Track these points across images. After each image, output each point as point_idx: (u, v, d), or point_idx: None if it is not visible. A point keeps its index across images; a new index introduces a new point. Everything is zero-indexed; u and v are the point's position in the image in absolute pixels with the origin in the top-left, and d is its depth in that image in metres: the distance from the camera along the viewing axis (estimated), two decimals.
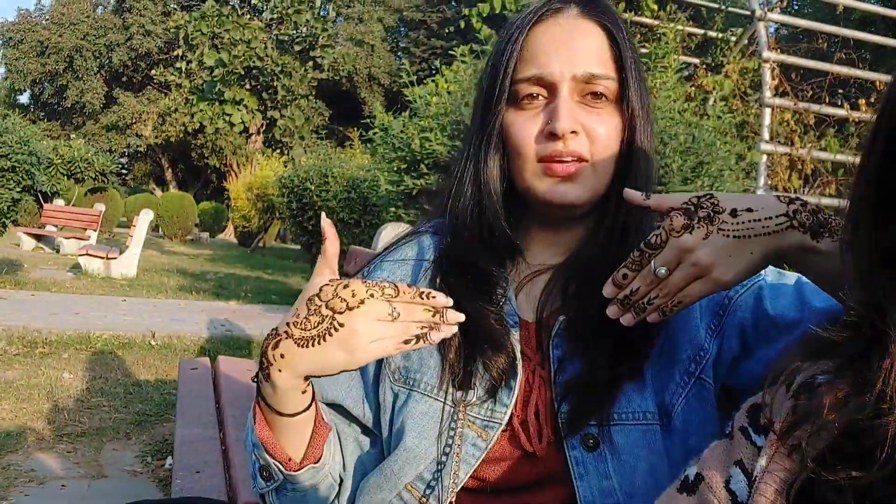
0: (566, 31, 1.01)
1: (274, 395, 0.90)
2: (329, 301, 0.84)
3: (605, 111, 1.01)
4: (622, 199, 0.97)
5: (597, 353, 0.99)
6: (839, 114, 6.23)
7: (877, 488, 0.55)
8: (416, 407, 1.02)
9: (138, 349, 6.07)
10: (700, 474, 0.73)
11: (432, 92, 5.44)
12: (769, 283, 1.03)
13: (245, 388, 3.12)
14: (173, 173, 34.12)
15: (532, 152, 1.01)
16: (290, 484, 0.96)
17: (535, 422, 1.00)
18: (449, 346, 1.01)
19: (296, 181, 9.78)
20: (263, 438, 0.94)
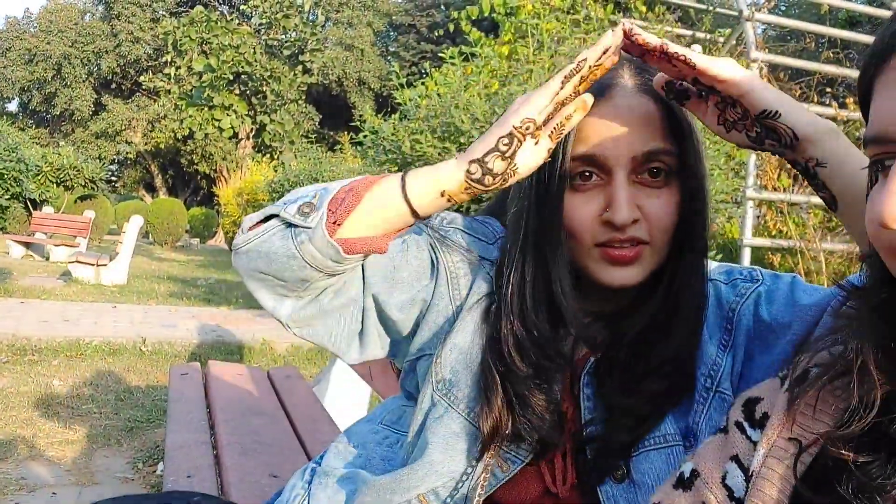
0: (621, 111, 0.96)
1: (425, 180, 0.94)
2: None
3: (665, 189, 0.97)
4: (679, 273, 0.99)
5: (630, 394, 0.98)
6: (828, 113, 6.24)
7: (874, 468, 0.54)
8: (449, 424, 1.03)
9: (129, 356, 6.04)
10: (695, 470, 0.72)
11: (422, 94, 5.43)
12: (766, 289, 1.03)
13: (236, 392, 3.10)
14: (163, 180, 34.00)
15: (589, 237, 0.97)
16: (322, 242, 0.92)
17: (560, 462, 1.01)
18: (495, 397, 0.99)
19: (286, 186, 9.76)
20: (352, 191, 0.94)
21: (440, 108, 4.82)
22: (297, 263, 0.93)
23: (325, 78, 29.17)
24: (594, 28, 6.45)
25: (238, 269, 0.99)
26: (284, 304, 1.00)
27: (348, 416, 3.32)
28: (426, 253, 1.08)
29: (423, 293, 1.07)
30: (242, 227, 0.97)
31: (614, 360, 1.00)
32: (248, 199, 17.08)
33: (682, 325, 0.99)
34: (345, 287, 1.01)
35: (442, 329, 1.07)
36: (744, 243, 5.32)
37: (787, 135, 0.89)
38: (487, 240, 1.11)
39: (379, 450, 1.16)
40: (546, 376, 1.00)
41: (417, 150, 4.61)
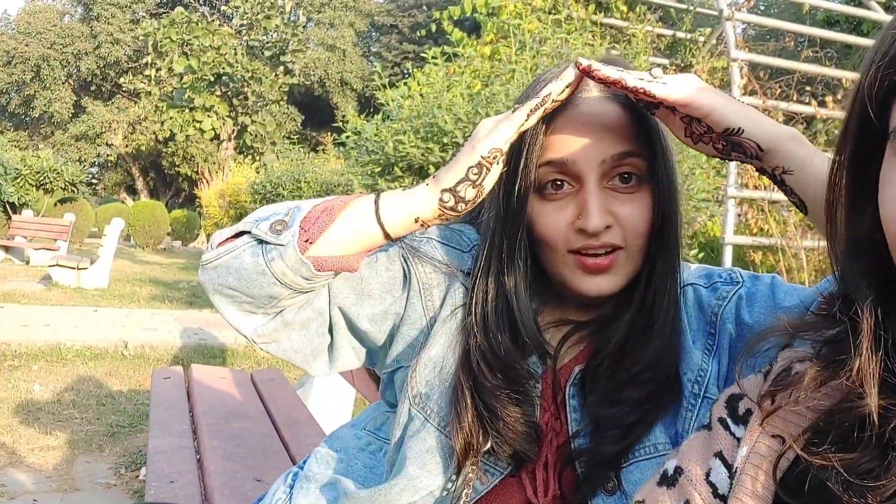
0: (589, 117, 0.96)
1: (398, 205, 0.97)
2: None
3: (636, 194, 0.97)
4: (654, 278, 0.99)
5: (613, 404, 0.98)
6: (807, 111, 6.30)
7: (862, 465, 0.54)
8: (426, 438, 1.03)
9: (111, 360, 5.98)
10: (679, 467, 0.72)
11: (405, 95, 5.42)
12: (746, 292, 1.03)
13: (219, 396, 3.08)
14: (144, 182, 33.74)
15: (562, 245, 0.97)
16: (293, 259, 0.92)
17: (542, 473, 1.01)
18: (465, 412, 0.99)
19: (268, 187, 9.72)
20: (326, 212, 0.96)
21: (423, 109, 4.82)
22: (267, 280, 0.94)
23: (307, 79, 29.07)
24: (575, 28, 6.47)
25: (205, 284, 0.99)
26: (250, 319, 1.00)
27: (333, 419, 3.30)
28: (397, 265, 1.08)
29: (395, 306, 1.07)
30: (212, 243, 0.98)
31: (597, 370, 1.00)
32: (230, 200, 16.99)
33: (660, 330, 0.99)
34: (309, 301, 1.02)
35: (416, 341, 1.07)
36: (725, 241, 5.35)
37: (751, 148, 0.91)
38: (462, 248, 1.11)
39: (362, 456, 1.15)
40: (518, 388, 0.99)
41: (401, 151, 4.60)
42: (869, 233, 0.62)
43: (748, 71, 6.33)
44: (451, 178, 0.95)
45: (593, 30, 6.65)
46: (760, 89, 6.42)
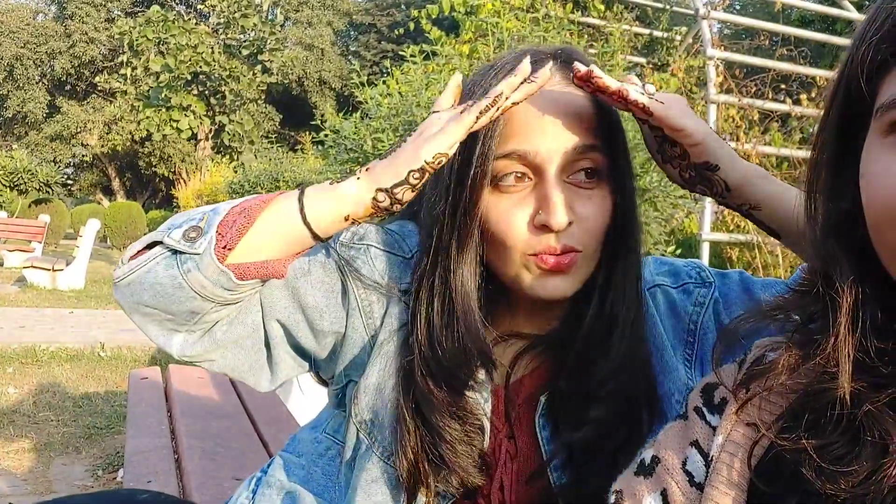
0: (550, 105, 0.90)
1: (326, 202, 0.88)
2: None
3: (595, 190, 0.92)
4: (611, 282, 0.94)
5: (581, 424, 0.93)
6: (782, 109, 6.37)
7: (834, 450, 0.55)
8: (372, 469, 0.98)
9: (87, 361, 5.92)
10: (656, 456, 0.72)
11: (383, 93, 5.41)
12: (721, 294, 1.01)
13: (197, 396, 3.06)
14: (121, 183, 33.39)
15: (520, 245, 0.91)
16: (211, 269, 0.84)
17: (499, 494, 0.97)
18: (408, 440, 0.94)
19: (246, 186, 9.66)
20: (244, 213, 0.86)
21: (402, 107, 4.81)
22: (185, 294, 0.85)
23: (284, 78, 28.90)
24: (553, 27, 6.48)
25: (120, 304, 0.90)
26: (174, 338, 0.91)
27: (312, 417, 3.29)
28: (335, 276, 1.00)
29: (336, 324, 0.99)
30: (123, 258, 0.89)
31: (560, 392, 0.95)
32: (207, 200, 16.86)
33: (621, 337, 0.94)
34: (240, 317, 0.94)
35: (360, 359, 1.00)
36: (703, 238, 5.39)
37: (719, 185, 0.92)
38: (404, 255, 1.03)
39: (321, 462, 1.11)
40: (462, 402, 0.94)
41: (379, 149, 4.59)
42: (850, 211, 0.62)
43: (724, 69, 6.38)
44: (390, 179, 0.87)
45: (571, 28, 6.67)
46: (736, 87, 6.47)
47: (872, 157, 0.58)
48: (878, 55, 0.57)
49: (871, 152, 0.58)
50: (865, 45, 0.58)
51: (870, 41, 0.57)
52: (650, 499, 0.69)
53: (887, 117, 0.56)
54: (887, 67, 0.57)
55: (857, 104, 0.60)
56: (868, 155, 0.59)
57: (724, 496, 0.63)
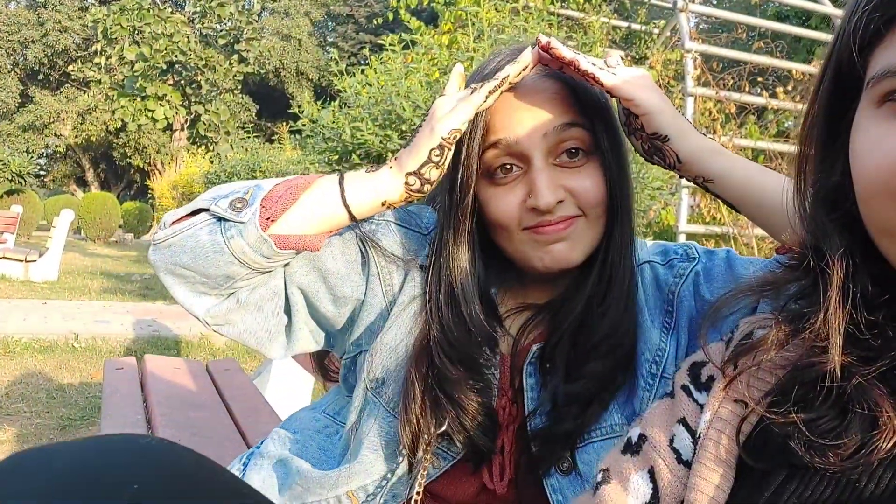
0: (527, 94, 0.97)
1: (365, 189, 0.96)
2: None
3: (585, 167, 0.97)
4: (610, 251, 1.00)
5: (573, 379, 0.98)
6: (758, 102, 6.42)
7: (823, 424, 0.54)
8: (381, 423, 1.02)
9: (61, 352, 5.84)
10: (643, 434, 0.72)
11: (362, 82, 5.38)
12: (703, 268, 1.04)
13: (174, 386, 3.03)
14: (95, 173, 33.00)
15: (515, 223, 0.98)
16: (254, 237, 0.91)
17: (499, 457, 1.01)
18: (412, 405, 0.98)
19: (222, 177, 9.57)
20: (290, 190, 0.95)
21: (381, 96, 4.79)
22: (225, 259, 0.92)
23: (261, 68, 28.69)
24: (533, 17, 6.49)
25: (155, 264, 0.96)
26: (202, 300, 0.98)
27: (290, 408, 3.27)
28: (355, 248, 1.06)
29: (356, 291, 1.05)
30: (164, 221, 0.96)
31: (555, 348, 1.00)
32: (183, 192, 16.72)
33: (616, 301, 0.99)
34: (264, 281, 1.00)
35: (377, 325, 1.06)
36: (679, 230, 5.43)
37: (671, 157, 0.97)
38: (421, 231, 1.10)
39: (317, 438, 1.14)
40: (479, 377, 1.00)
41: (358, 139, 4.57)
42: (839, 184, 0.62)
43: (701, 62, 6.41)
44: (415, 162, 0.95)
45: (550, 19, 6.68)
46: (713, 80, 6.52)
47: (863, 129, 0.58)
48: (871, 24, 0.57)
49: (862, 124, 0.58)
50: (857, 16, 0.58)
51: (862, 11, 0.57)
52: (637, 477, 0.69)
53: (879, 88, 0.56)
54: (879, 38, 0.56)
55: (849, 76, 0.60)
56: (858, 127, 0.59)
57: (712, 473, 0.62)
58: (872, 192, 0.56)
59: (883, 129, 0.55)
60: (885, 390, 0.53)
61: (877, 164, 0.55)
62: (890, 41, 0.56)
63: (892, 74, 0.55)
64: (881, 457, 0.51)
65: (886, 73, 0.55)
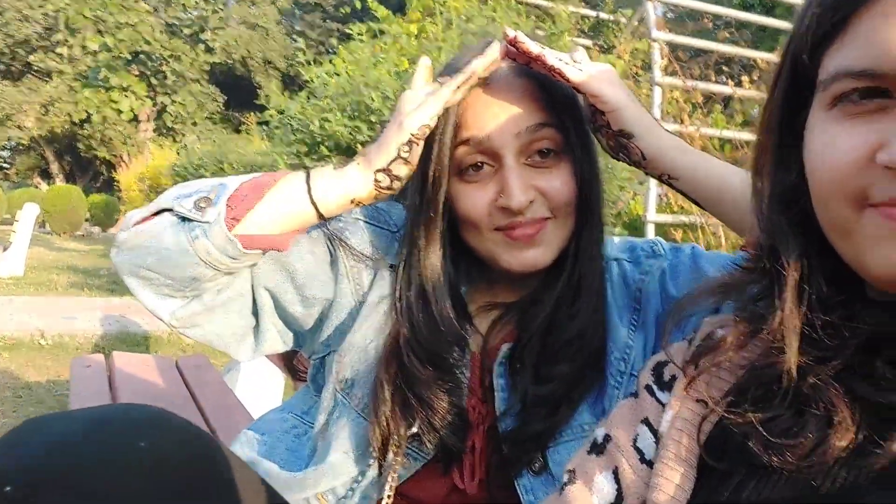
0: (499, 93, 0.96)
1: (332, 186, 0.95)
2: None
3: (556, 167, 0.97)
4: (580, 251, 1.00)
5: (542, 380, 0.98)
6: (725, 91, 6.48)
7: (780, 423, 0.56)
8: (349, 425, 1.02)
9: (27, 350, 5.75)
10: (608, 434, 0.73)
11: (330, 72, 5.34)
12: (669, 264, 1.05)
13: (143, 384, 3.00)
14: (59, 166, 32.42)
15: (486, 222, 0.97)
16: (219, 237, 0.89)
17: (469, 457, 1.01)
18: (382, 406, 0.98)
19: (189, 169, 9.45)
20: (253, 190, 0.93)
21: (349, 87, 4.76)
22: (190, 260, 0.90)
23: (228, 58, 28.34)
24: (501, 7, 6.48)
25: (118, 266, 0.94)
26: (167, 303, 0.96)
27: (262, 405, 3.26)
28: (323, 247, 1.05)
29: (325, 291, 1.04)
30: (127, 222, 0.94)
31: (525, 348, 1.00)
32: (150, 184, 16.50)
33: (586, 304, 1.00)
34: (229, 283, 0.98)
35: (346, 325, 1.05)
36: (647, 220, 5.48)
37: (636, 154, 0.97)
38: (390, 228, 1.09)
39: (286, 439, 1.14)
40: (449, 377, 0.99)
41: (327, 130, 4.54)
42: (795, 185, 0.63)
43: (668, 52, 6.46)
44: (384, 159, 0.94)
45: (518, 9, 6.68)
46: (680, 69, 6.57)
47: (816, 130, 0.59)
48: (821, 28, 0.58)
49: (815, 125, 0.59)
50: (809, 18, 0.59)
51: (812, 13, 0.58)
52: (601, 477, 0.70)
53: (830, 90, 0.57)
54: (830, 40, 0.57)
55: (803, 78, 0.61)
56: (812, 128, 0.60)
57: (673, 472, 0.63)
58: (827, 194, 0.57)
59: (835, 130, 0.56)
60: (840, 390, 0.54)
61: (830, 166, 0.56)
62: (840, 43, 0.56)
63: (842, 77, 0.56)
64: (837, 455, 0.52)
65: (836, 76, 0.56)
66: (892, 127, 0.52)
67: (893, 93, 0.53)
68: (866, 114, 0.55)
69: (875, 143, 0.53)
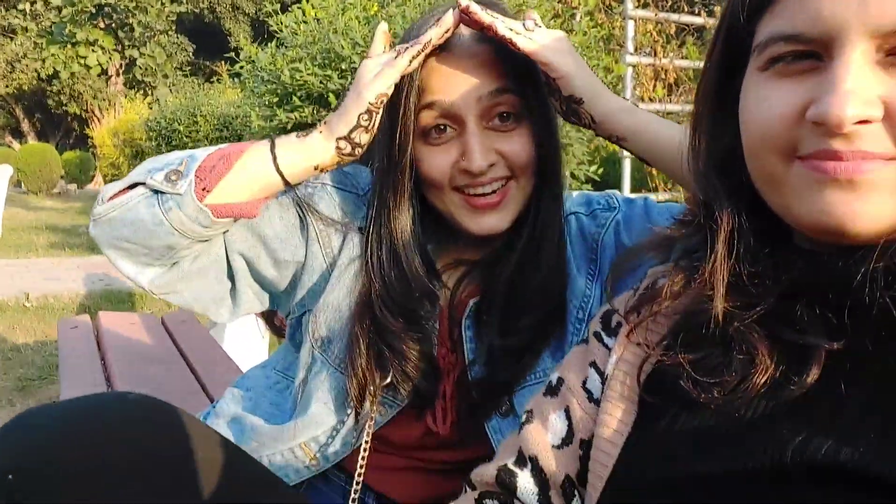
0: (462, 59, 1.00)
1: (296, 154, 1.00)
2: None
3: (516, 130, 1.01)
4: (540, 211, 1.05)
5: (508, 332, 1.05)
6: (697, 22, 6.46)
7: (707, 363, 0.61)
8: (327, 379, 1.08)
9: (12, 313, 5.77)
10: (561, 377, 0.79)
11: (299, 20, 5.26)
12: (623, 216, 1.11)
13: (130, 342, 3.05)
14: (30, 124, 31.82)
15: (446, 182, 1.02)
16: (191, 207, 0.94)
17: (441, 402, 1.08)
18: (358, 359, 1.04)
19: (163, 123, 9.35)
20: (223, 159, 0.97)
21: (318, 34, 4.70)
22: (165, 230, 0.95)
23: (195, 6, 27.69)
24: None
25: (97, 239, 0.99)
26: (146, 271, 1.01)
27: (248, 357, 3.32)
28: (292, 212, 1.10)
29: (296, 255, 1.09)
30: (102, 197, 0.98)
31: (491, 302, 1.06)
32: (124, 139, 16.28)
33: (547, 260, 1.05)
34: (205, 251, 1.03)
35: (319, 286, 1.10)
36: (623, 155, 5.51)
37: (586, 117, 1.02)
38: (357, 191, 1.13)
39: (269, 394, 1.20)
40: (418, 328, 1.05)
41: (297, 80, 4.50)
42: (729, 147, 0.67)
43: None
44: (344, 127, 0.99)
45: None
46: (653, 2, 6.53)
47: (750, 90, 0.64)
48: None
49: (749, 86, 0.64)
50: None
51: None
52: (555, 416, 0.77)
53: (765, 54, 0.61)
54: (765, 6, 0.62)
55: (739, 43, 0.65)
56: (746, 88, 0.64)
57: (617, 408, 0.70)
58: (759, 147, 0.62)
59: (768, 89, 0.61)
60: (762, 333, 0.60)
61: (762, 121, 0.61)
62: (774, 11, 0.61)
63: (776, 41, 0.60)
64: (757, 391, 0.58)
65: (770, 40, 0.61)
66: (821, 86, 0.57)
67: (822, 55, 0.58)
68: (797, 74, 0.59)
69: (805, 100, 0.58)
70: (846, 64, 0.55)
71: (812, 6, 0.57)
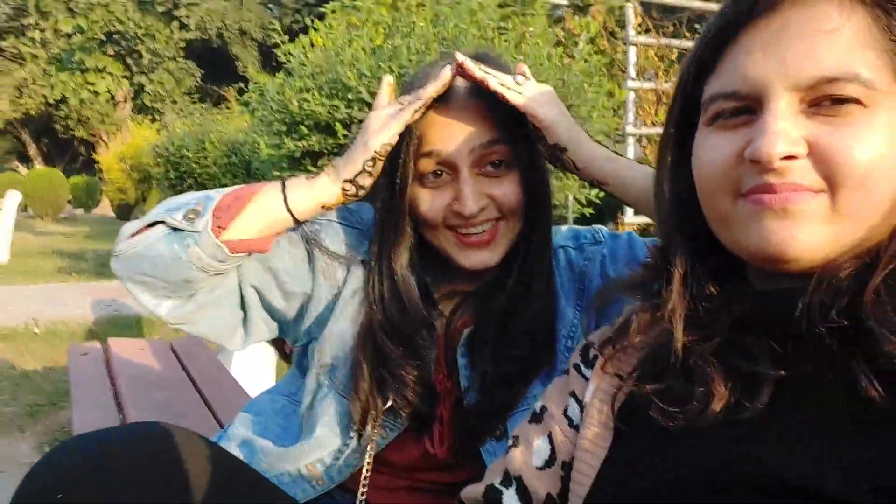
0: (457, 112, 1.09)
1: (305, 194, 1.09)
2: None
3: (506, 176, 1.10)
4: (530, 249, 1.13)
5: (499, 361, 1.12)
6: None
7: (672, 393, 0.68)
8: (333, 404, 1.16)
9: (21, 339, 5.84)
10: (544, 406, 0.86)
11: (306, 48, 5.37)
12: (609, 250, 1.19)
13: (140, 367, 3.10)
14: (38, 148, 32.11)
15: (440, 220, 1.10)
16: (208, 244, 1.02)
17: (438, 426, 1.15)
18: (362, 384, 1.12)
19: (171, 149, 9.45)
20: (238, 199, 1.06)
21: (326, 65, 4.79)
22: (183, 265, 1.03)
23: (203, 33, 28.03)
24: None
25: (118, 273, 1.07)
26: (164, 303, 1.09)
27: (256, 381, 3.38)
28: (301, 248, 1.18)
29: (304, 287, 1.17)
30: (123, 234, 1.07)
31: (484, 333, 1.14)
32: (132, 164, 16.43)
33: (537, 294, 1.14)
34: (220, 283, 1.11)
35: (324, 316, 1.18)
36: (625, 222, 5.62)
37: (569, 164, 1.10)
38: (360, 227, 1.22)
39: (277, 419, 1.28)
40: (418, 356, 1.13)
41: (305, 109, 4.59)
42: (686, 198, 0.76)
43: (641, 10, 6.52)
44: (351, 171, 1.09)
45: None
46: (654, 28, 6.64)
47: (700, 142, 0.73)
48: (702, 63, 0.73)
49: (699, 139, 0.74)
50: (695, 54, 0.74)
51: (698, 49, 0.73)
52: (539, 441, 0.84)
53: (710, 110, 0.72)
54: (709, 70, 0.72)
55: (693, 102, 0.74)
56: (697, 141, 0.74)
57: (594, 433, 0.77)
58: (710, 189, 0.72)
59: (714, 139, 0.71)
60: (717, 364, 0.67)
61: (711, 166, 0.71)
62: (716, 72, 0.71)
63: (715, 99, 0.71)
64: (714, 417, 0.65)
65: (713, 98, 0.71)
66: (754, 132, 0.67)
67: (755, 108, 0.68)
68: (736, 126, 0.69)
69: (744, 144, 0.67)
70: (773, 112, 0.65)
71: (743, 68, 0.67)
